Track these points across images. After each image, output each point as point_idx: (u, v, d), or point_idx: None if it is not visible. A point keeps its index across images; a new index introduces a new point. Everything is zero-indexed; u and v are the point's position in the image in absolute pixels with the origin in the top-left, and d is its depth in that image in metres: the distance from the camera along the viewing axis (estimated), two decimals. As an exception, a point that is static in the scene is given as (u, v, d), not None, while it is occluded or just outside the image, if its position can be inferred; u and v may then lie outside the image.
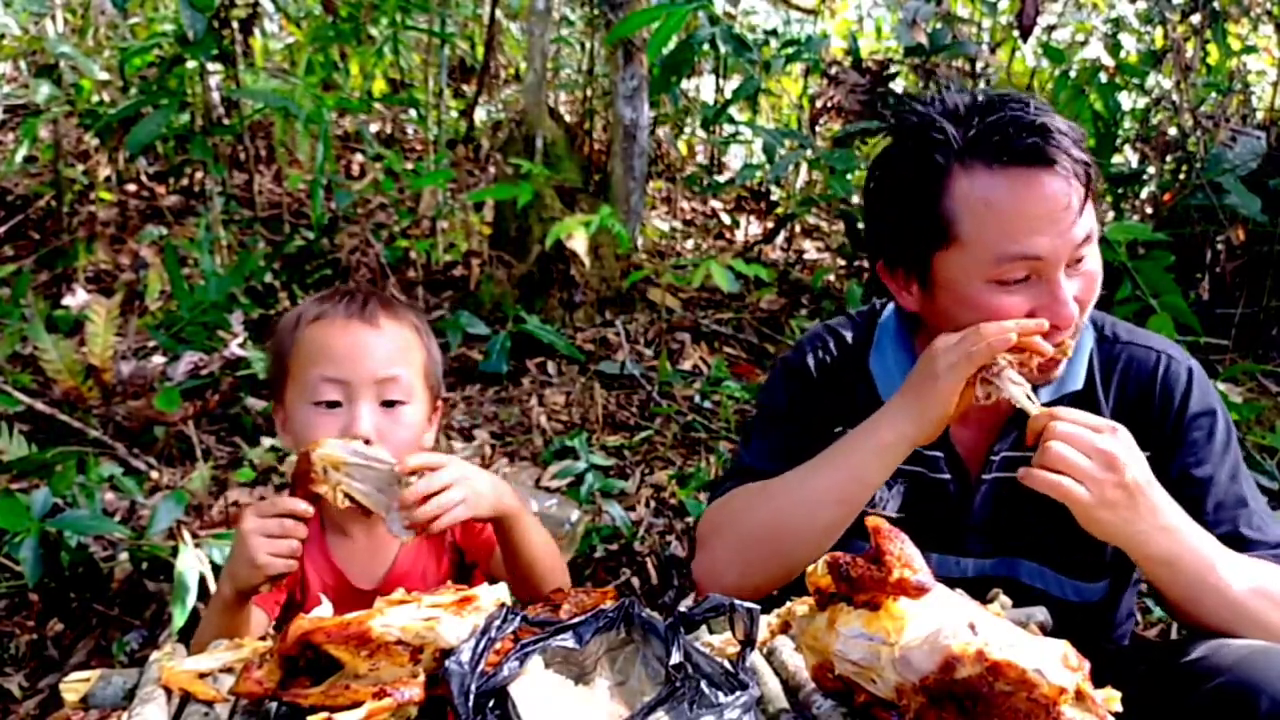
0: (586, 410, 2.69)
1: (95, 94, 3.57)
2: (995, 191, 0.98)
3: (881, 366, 1.16)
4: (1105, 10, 3.93)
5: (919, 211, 1.02)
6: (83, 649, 1.77)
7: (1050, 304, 0.99)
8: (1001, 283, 0.99)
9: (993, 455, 1.12)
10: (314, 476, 0.99)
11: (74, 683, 0.85)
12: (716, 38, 2.72)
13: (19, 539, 1.63)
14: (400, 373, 1.09)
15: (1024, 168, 0.97)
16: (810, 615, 0.82)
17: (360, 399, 1.07)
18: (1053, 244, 0.97)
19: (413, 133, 4.68)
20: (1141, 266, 2.32)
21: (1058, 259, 0.98)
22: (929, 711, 0.72)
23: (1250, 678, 0.85)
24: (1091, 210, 1.00)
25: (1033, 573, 1.14)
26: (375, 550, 1.17)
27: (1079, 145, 0.99)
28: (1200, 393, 1.10)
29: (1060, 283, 0.98)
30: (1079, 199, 0.97)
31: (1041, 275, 0.99)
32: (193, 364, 2.63)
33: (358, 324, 1.09)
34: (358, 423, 1.05)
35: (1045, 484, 0.92)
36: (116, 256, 3.48)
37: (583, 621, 0.79)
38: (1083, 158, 0.98)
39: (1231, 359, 2.83)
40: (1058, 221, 0.97)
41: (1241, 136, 2.80)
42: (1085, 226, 0.99)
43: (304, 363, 1.09)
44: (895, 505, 1.15)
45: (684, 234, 4.30)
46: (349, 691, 0.75)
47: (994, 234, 0.98)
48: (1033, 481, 0.93)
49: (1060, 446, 0.92)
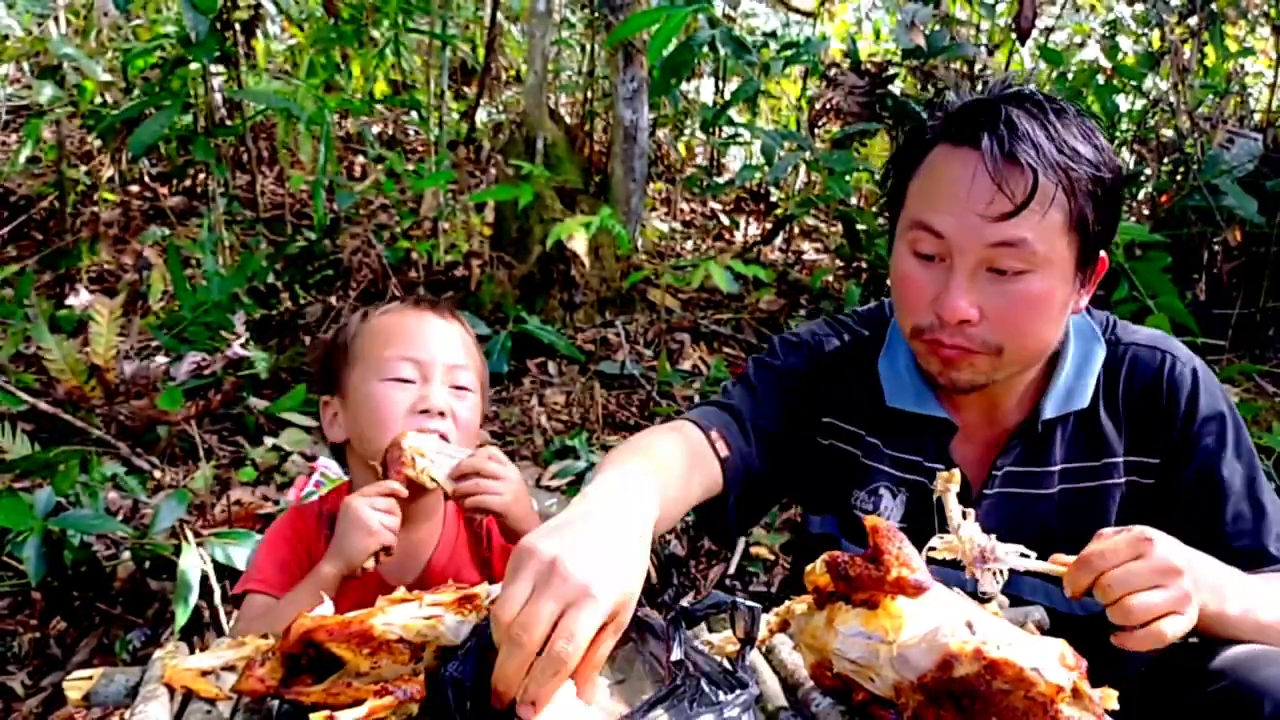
0: (587, 410, 2.70)
1: (98, 95, 3.58)
2: (938, 161, 0.99)
3: (890, 369, 1.13)
4: (1103, 12, 3.94)
5: (898, 176, 1.05)
6: (85, 647, 1.78)
7: (941, 291, 0.97)
8: (915, 253, 1.00)
9: (995, 470, 1.10)
10: (405, 461, 1.04)
11: (77, 681, 0.85)
12: (716, 40, 2.73)
13: (22, 538, 1.64)
14: (468, 363, 1.14)
15: (968, 148, 0.96)
16: (809, 614, 0.82)
17: (435, 377, 1.10)
18: (955, 225, 0.95)
19: (414, 134, 4.69)
20: (1139, 267, 2.33)
21: (959, 244, 0.95)
22: (927, 709, 0.72)
23: (1254, 681, 0.85)
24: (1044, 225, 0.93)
25: (1035, 589, 1.10)
26: (411, 549, 1.17)
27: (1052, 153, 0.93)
28: (1207, 395, 1.06)
29: (958, 275, 0.95)
30: (1015, 196, 0.92)
31: (950, 260, 0.97)
32: (195, 364, 2.64)
33: (430, 313, 1.15)
34: (432, 397, 1.09)
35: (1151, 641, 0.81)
36: (119, 257, 3.49)
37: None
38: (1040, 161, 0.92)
39: (1228, 360, 2.84)
40: (967, 206, 0.94)
41: (1238, 138, 2.81)
42: (1014, 230, 0.93)
43: (375, 346, 1.12)
44: (898, 515, 1.13)
45: (683, 235, 4.31)
46: (350, 689, 0.76)
47: (919, 199, 1.00)
48: (1137, 645, 0.82)
49: (1134, 599, 0.81)
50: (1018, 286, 0.96)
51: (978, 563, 0.85)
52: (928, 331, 1.00)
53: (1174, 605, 0.81)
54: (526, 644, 0.66)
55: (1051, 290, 0.97)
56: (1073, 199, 0.94)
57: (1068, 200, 0.94)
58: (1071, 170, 0.94)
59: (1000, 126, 0.94)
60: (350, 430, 1.15)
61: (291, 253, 3.23)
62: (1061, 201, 0.94)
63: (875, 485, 1.14)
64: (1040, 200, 0.93)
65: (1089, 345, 1.09)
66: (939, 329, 0.99)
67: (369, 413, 1.11)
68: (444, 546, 1.19)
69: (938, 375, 1.03)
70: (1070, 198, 0.94)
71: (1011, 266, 0.95)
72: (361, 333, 1.15)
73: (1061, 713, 0.68)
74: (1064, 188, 0.94)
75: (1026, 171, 0.92)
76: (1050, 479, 1.09)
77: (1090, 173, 0.95)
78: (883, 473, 1.14)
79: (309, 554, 1.16)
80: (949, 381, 1.03)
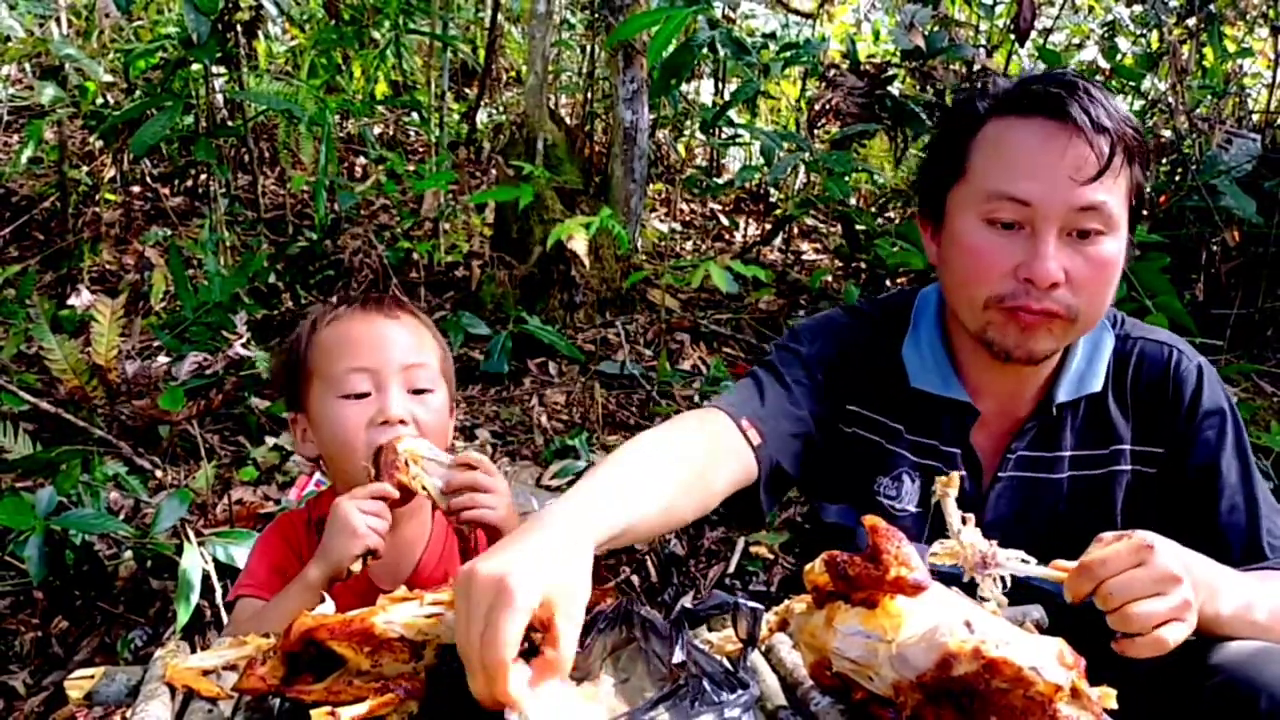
0: (587, 410, 2.70)
1: (100, 96, 3.59)
2: (1008, 133, 1.02)
3: (915, 352, 1.14)
4: (1101, 13, 3.94)
5: (949, 149, 1.06)
6: (87, 646, 1.78)
7: (1031, 259, 0.98)
8: (991, 222, 1.01)
9: (1009, 454, 1.11)
10: (399, 466, 1.02)
11: (78, 680, 0.86)
12: (716, 41, 2.74)
13: (24, 537, 1.64)
14: (425, 359, 1.10)
15: (1042, 118, 0.99)
16: (808, 613, 0.83)
17: (389, 385, 1.07)
18: (1042, 191, 0.98)
19: (415, 135, 4.70)
20: (1138, 268, 2.33)
21: (1046, 210, 0.98)
22: (926, 708, 0.73)
23: (1250, 677, 0.86)
24: (1117, 190, 0.99)
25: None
26: (400, 550, 1.17)
27: (1119, 121, 0.99)
28: (1211, 390, 1.09)
29: (1047, 239, 0.98)
30: (1093, 162, 0.97)
31: (1032, 227, 0.99)
32: (197, 364, 2.65)
33: (376, 315, 1.11)
34: (390, 406, 1.06)
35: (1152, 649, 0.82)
36: (121, 257, 3.50)
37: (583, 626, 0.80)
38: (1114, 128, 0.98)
39: (1227, 360, 2.84)
40: (1054, 172, 0.98)
41: (1237, 139, 2.81)
42: (1095, 194, 0.97)
43: (327, 361, 1.09)
44: (914, 500, 1.14)
45: (683, 235, 4.31)
46: (351, 688, 0.76)
47: (994, 169, 1.01)
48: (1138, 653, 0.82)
49: (1135, 607, 0.81)
50: (1096, 249, 1.00)
51: (979, 568, 0.85)
52: (1009, 299, 1.01)
53: (1175, 613, 0.82)
54: (472, 658, 0.67)
55: (1119, 252, 1.02)
56: (1133, 166, 1.01)
57: (1130, 168, 1.00)
58: (1134, 139, 1.00)
59: (1082, 95, 0.99)
60: (320, 448, 1.13)
61: (293, 253, 3.24)
62: (1126, 169, 1.00)
63: (899, 471, 1.14)
64: (1116, 163, 0.98)
65: (1098, 333, 1.12)
66: (1024, 295, 1.00)
67: (331, 433, 1.08)
68: (433, 546, 1.19)
69: (1014, 349, 1.03)
70: (1132, 165, 1.01)
71: (1092, 228, 0.99)
72: (313, 345, 1.11)
73: (1060, 711, 0.68)
74: (1128, 155, 1.00)
75: (1110, 136, 0.98)
76: (1060, 464, 1.11)
77: (1141, 143, 1.02)
78: (904, 458, 1.15)
79: (299, 559, 1.15)
80: (1026, 352, 1.03)
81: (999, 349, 1.04)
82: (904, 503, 1.14)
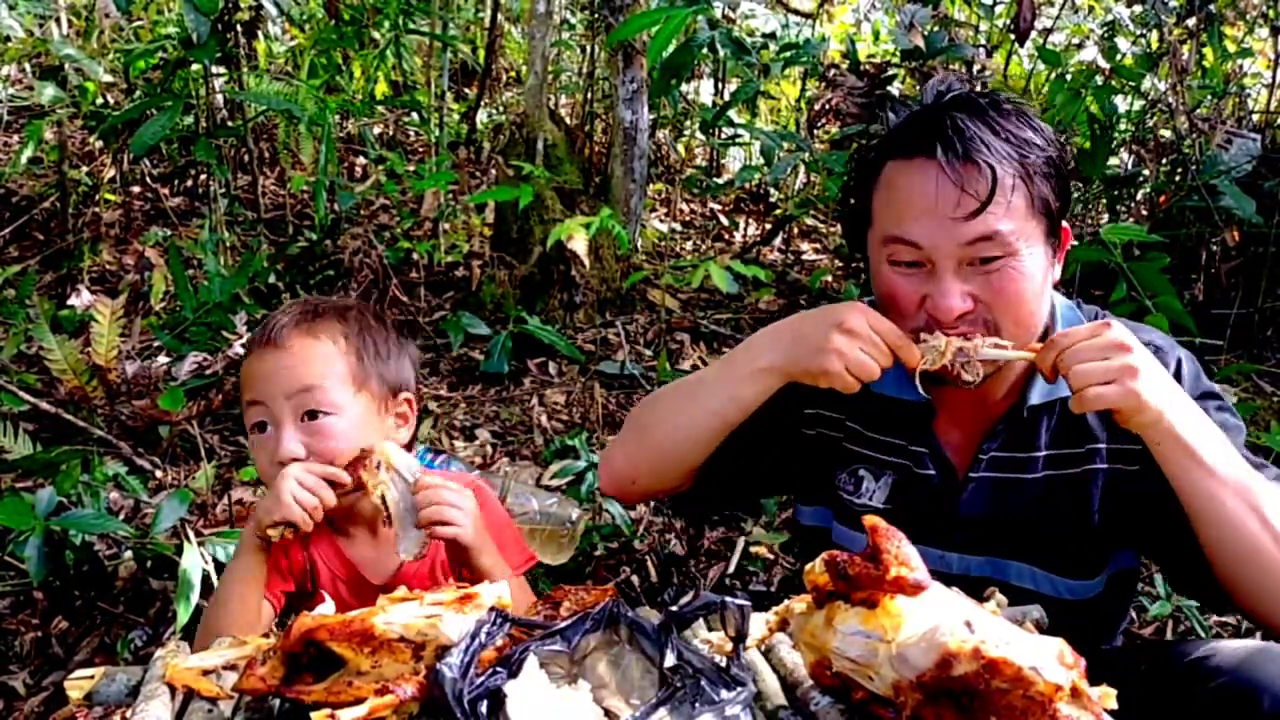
0: (587, 410, 2.70)
1: (100, 96, 3.59)
2: (897, 176, 1.05)
3: None
4: (1101, 13, 3.95)
5: (859, 198, 1.12)
6: (87, 647, 1.78)
7: (933, 294, 1.02)
8: (894, 264, 1.05)
9: (981, 454, 1.12)
10: (367, 465, 1.05)
11: (78, 680, 0.86)
12: (716, 41, 2.73)
13: (24, 538, 1.64)
14: (313, 383, 1.10)
15: (922, 158, 1.02)
16: (808, 613, 0.83)
17: (280, 418, 1.10)
18: (930, 233, 1.01)
19: (415, 135, 4.70)
20: (1137, 268, 2.33)
21: (938, 250, 1.01)
22: (926, 708, 0.73)
23: (1252, 677, 0.86)
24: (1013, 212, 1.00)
25: (1021, 573, 1.14)
26: (386, 545, 1.19)
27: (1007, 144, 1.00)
28: (1191, 381, 1.10)
29: (945, 275, 1.01)
30: (978, 194, 0.98)
31: (931, 264, 1.02)
32: (197, 364, 2.65)
33: (265, 348, 1.13)
34: (281, 445, 1.09)
35: (1093, 402, 0.94)
36: (121, 257, 3.50)
37: (570, 625, 0.80)
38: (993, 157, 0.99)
39: (1227, 360, 2.84)
40: (937, 212, 1.00)
41: (1237, 139, 2.81)
42: (987, 224, 0.99)
43: (242, 395, 1.15)
44: (882, 496, 1.16)
45: (683, 235, 4.31)
46: (351, 688, 0.76)
47: (888, 214, 1.05)
48: (1083, 407, 0.96)
49: (1081, 367, 0.95)
50: (1002, 272, 1.02)
51: (959, 357, 0.98)
52: (924, 332, 1.04)
53: (1114, 374, 0.93)
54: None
55: (1031, 269, 1.03)
56: (1030, 183, 1.02)
57: (1026, 186, 1.01)
58: (1024, 158, 1.01)
59: (948, 133, 1.00)
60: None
61: (293, 253, 3.24)
62: (1021, 188, 1.01)
63: (855, 467, 1.17)
64: (1002, 191, 0.99)
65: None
66: (936, 327, 1.03)
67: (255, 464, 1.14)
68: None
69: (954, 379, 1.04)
70: (1028, 183, 1.01)
71: (991, 254, 1.01)
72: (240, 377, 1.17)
73: (1060, 711, 0.68)
74: (1020, 175, 1.01)
75: (984, 168, 0.99)
76: (1035, 464, 1.12)
77: (1041, 155, 1.02)
78: (865, 456, 1.17)
79: (286, 554, 1.17)
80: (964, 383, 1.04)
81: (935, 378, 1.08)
82: (865, 498, 1.17)
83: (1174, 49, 2.88)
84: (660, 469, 1.19)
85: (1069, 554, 1.12)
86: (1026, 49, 3.48)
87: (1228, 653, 0.91)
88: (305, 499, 1.04)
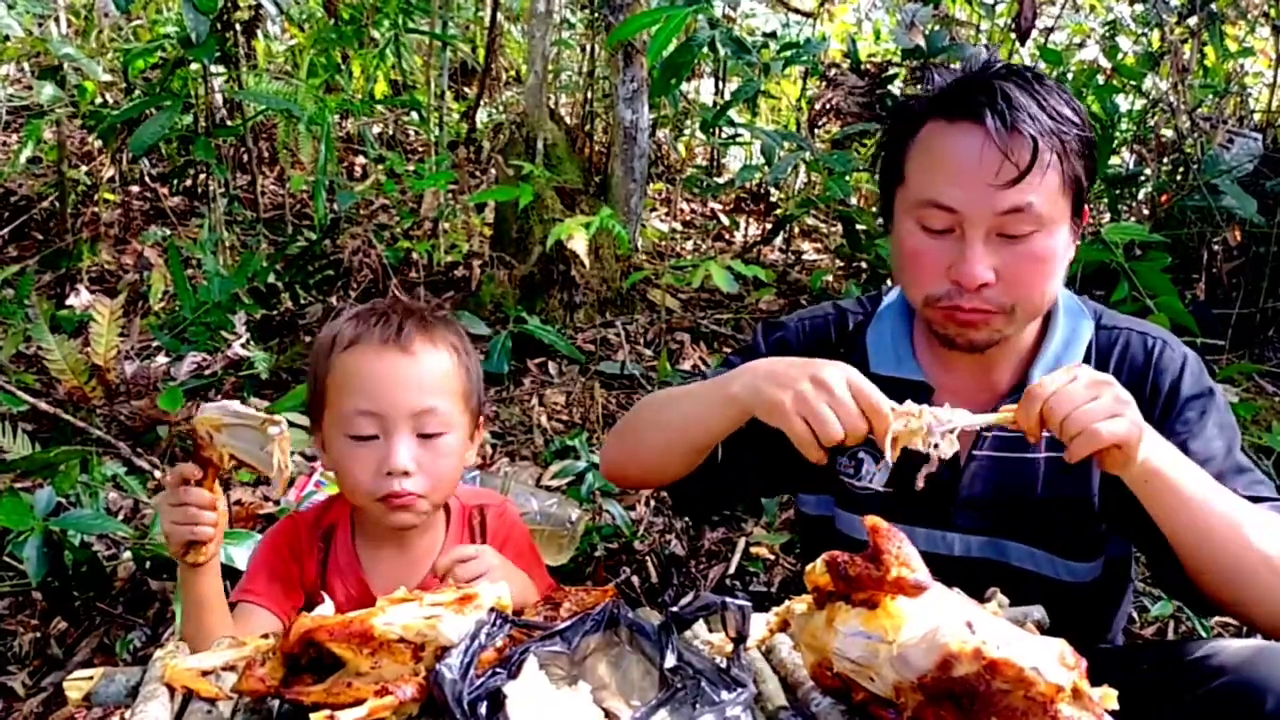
0: (587, 410, 2.70)
1: (99, 96, 3.59)
2: (937, 138, 1.05)
3: (877, 338, 1.19)
4: (1102, 12, 3.94)
5: (891, 153, 1.11)
6: (86, 647, 1.78)
7: (959, 261, 1.02)
8: (924, 228, 1.05)
9: (984, 433, 1.13)
10: (200, 442, 0.97)
11: (77, 681, 0.86)
12: (716, 40, 2.73)
13: (23, 538, 1.63)
14: (437, 404, 1.06)
15: (967, 122, 1.02)
16: (809, 614, 0.83)
17: (396, 433, 1.04)
18: (966, 198, 1.01)
19: (414, 134, 4.69)
20: (1138, 267, 2.33)
21: (971, 217, 1.01)
22: (927, 709, 0.73)
23: (1255, 677, 0.86)
24: (1046, 188, 1.00)
25: (1022, 555, 1.14)
26: (407, 565, 1.15)
27: (1048, 119, 1.00)
28: (1194, 378, 1.10)
29: (974, 244, 1.01)
30: (1020, 163, 0.98)
31: (961, 230, 1.02)
32: (196, 364, 2.65)
33: (392, 352, 1.06)
34: (394, 457, 1.03)
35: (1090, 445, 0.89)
36: (120, 257, 3.50)
37: (570, 626, 0.80)
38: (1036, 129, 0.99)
39: (1228, 359, 2.84)
40: (976, 178, 1.00)
41: (1238, 138, 2.81)
42: (1020, 197, 0.99)
43: (339, 393, 1.07)
44: (883, 479, 1.16)
45: (684, 235, 4.31)
46: (351, 689, 0.76)
47: (924, 176, 1.05)
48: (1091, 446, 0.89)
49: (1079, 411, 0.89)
50: (1028, 247, 1.02)
51: (935, 428, 0.93)
52: (944, 299, 1.05)
53: (1111, 409, 0.89)
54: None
55: (1056, 246, 1.04)
56: (1066, 161, 1.02)
57: (1061, 163, 1.02)
58: (1063, 135, 1.01)
59: (999, 100, 1.00)
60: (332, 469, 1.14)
61: (292, 253, 3.23)
62: (1057, 165, 1.01)
63: (855, 450, 1.17)
64: (1040, 165, 0.99)
65: (1076, 320, 1.14)
66: (956, 296, 1.04)
67: (337, 468, 1.09)
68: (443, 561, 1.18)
69: (955, 338, 1.08)
70: (1064, 160, 1.02)
71: (1021, 229, 1.01)
72: (331, 370, 1.08)
73: (1061, 712, 0.68)
74: (1058, 151, 1.01)
75: (1028, 140, 0.99)
76: (1037, 445, 1.11)
77: (1078, 134, 1.03)
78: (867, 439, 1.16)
79: (300, 566, 1.15)
80: (967, 342, 1.08)
81: (943, 338, 1.10)
82: (866, 481, 1.17)
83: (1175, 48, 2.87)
84: (648, 470, 1.22)
85: (1069, 535, 1.12)
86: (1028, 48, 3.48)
87: (1230, 652, 0.91)
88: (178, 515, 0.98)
